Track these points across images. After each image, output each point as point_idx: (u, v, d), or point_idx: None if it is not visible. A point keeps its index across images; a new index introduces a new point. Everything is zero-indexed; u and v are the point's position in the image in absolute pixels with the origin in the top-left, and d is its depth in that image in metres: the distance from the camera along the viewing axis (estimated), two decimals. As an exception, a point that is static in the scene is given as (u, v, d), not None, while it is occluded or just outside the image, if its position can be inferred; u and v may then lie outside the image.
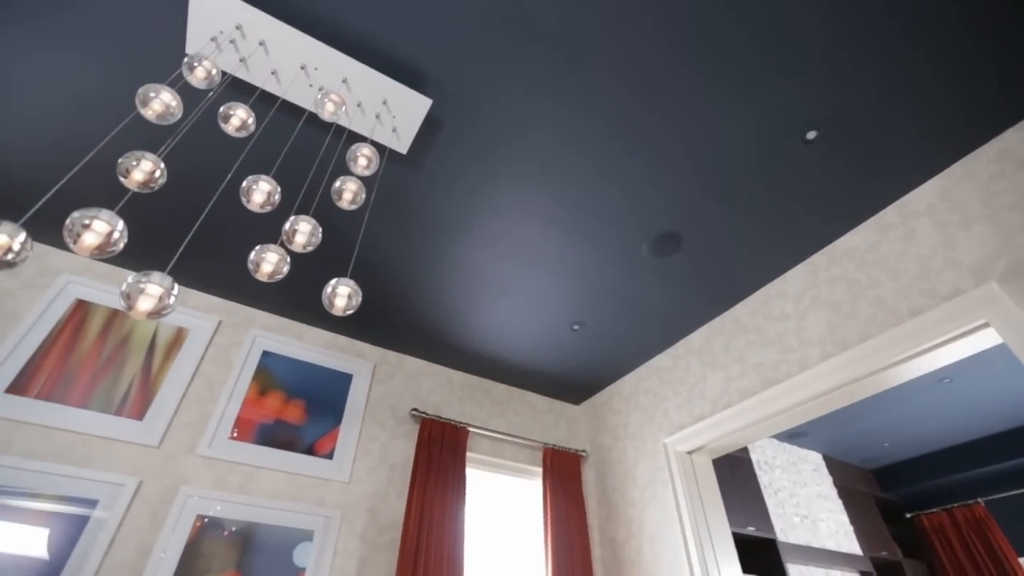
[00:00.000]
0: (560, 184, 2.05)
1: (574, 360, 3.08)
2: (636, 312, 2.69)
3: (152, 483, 2.06)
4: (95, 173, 2.02)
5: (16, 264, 1.09)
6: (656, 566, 2.51)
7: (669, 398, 2.83)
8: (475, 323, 2.79)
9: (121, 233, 1.14)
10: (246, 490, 2.22)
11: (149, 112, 1.35)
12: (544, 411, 3.37)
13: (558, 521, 2.76)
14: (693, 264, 2.39)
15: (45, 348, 2.13)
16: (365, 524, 2.39)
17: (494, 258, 2.37)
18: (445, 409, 3.00)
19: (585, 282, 2.50)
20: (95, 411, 2.09)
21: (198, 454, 2.19)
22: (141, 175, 1.28)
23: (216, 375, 2.43)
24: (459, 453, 2.73)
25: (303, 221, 1.44)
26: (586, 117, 1.81)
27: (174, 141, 1.37)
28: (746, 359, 2.46)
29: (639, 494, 2.79)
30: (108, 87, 1.74)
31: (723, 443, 2.53)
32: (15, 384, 2.01)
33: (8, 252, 1.07)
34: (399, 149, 1.88)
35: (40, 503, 1.85)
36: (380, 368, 2.93)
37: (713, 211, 2.14)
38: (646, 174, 2.00)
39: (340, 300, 1.41)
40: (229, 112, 1.48)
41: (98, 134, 1.88)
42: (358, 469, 2.52)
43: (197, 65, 1.41)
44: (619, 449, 3.08)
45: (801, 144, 1.88)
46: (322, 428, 2.54)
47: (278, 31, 1.55)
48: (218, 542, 2.05)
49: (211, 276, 2.51)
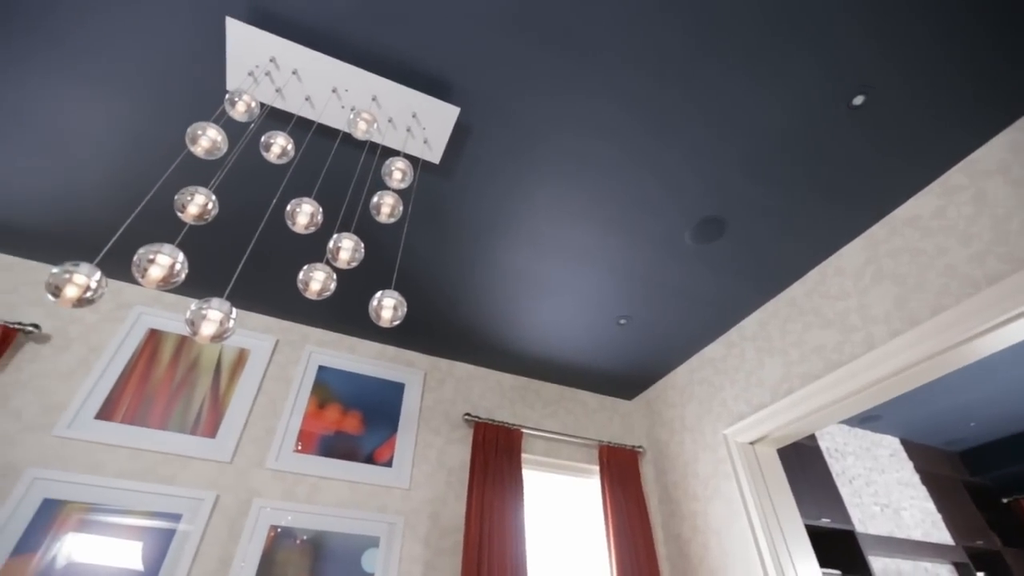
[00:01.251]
0: (595, 179, 2.02)
1: (623, 355, 3.03)
2: (683, 302, 2.62)
3: (228, 497, 2.18)
4: (154, 210, 2.17)
5: (95, 300, 1.18)
6: (725, 562, 2.43)
7: (725, 388, 2.73)
8: (521, 325, 2.80)
9: (182, 264, 1.22)
10: (313, 500, 2.31)
11: (198, 149, 1.44)
12: (596, 408, 3.33)
13: (619, 519, 2.72)
14: (739, 248, 2.30)
15: (126, 376, 2.30)
16: (427, 529, 2.44)
17: (534, 258, 2.37)
18: (497, 412, 3.02)
19: (629, 275, 2.46)
20: (173, 431, 2.24)
21: (267, 467, 2.31)
22: (196, 209, 1.36)
23: (277, 391, 2.55)
24: (514, 455, 2.74)
25: (346, 238, 1.49)
26: (615, 110, 1.78)
27: (223, 173, 1.45)
28: (805, 342, 2.34)
29: (701, 488, 2.71)
30: (160, 129, 1.87)
31: (787, 432, 2.42)
32: (103, 410, 2.19)
33: (87, 290, 1.16)
34: (432, 159, 1.91)
35: (132, 519, 2.00)
36: (431, 375, 2.98)
37: (756, 191, 2.05)
38: (682, 160, 1.94)
39: (386, 312, 1.45)
40: (270, 141, 1.55)
41: (154, 173, 2.02)
42: (417, 475, 2.58)
43: (238, 100, 1.49)
44: (677, 443, 3.00)
45: (847, 111, 1.77)
46: (379, 437, 2.61)
47: (308, 58, 1.61)
48: (291, 551, 2.15)
49: (266, 298, 2.64)
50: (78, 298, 1.13)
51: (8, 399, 2.08)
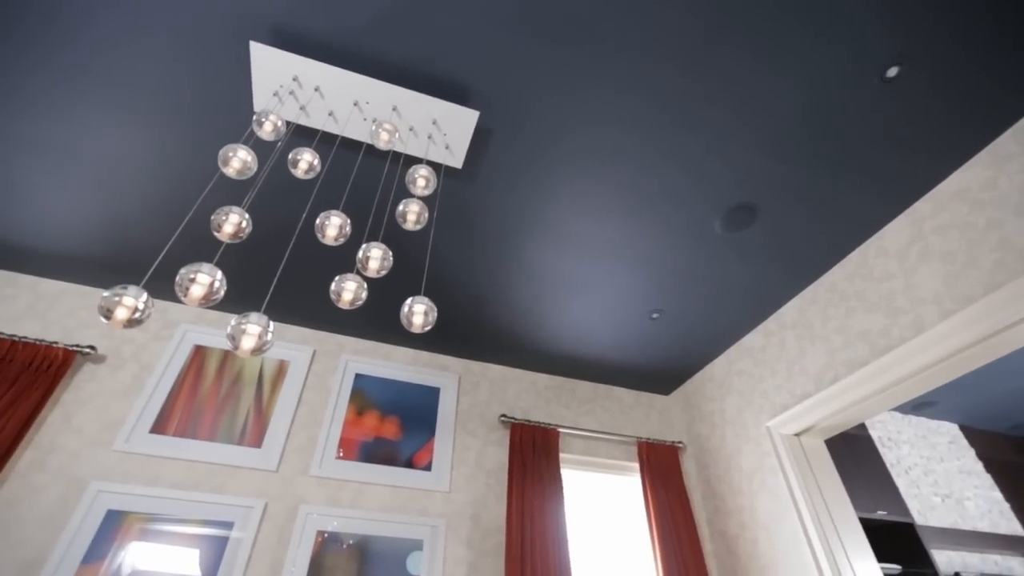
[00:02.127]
0: (619, 172, 2.00)
1: (657, 349, 2.98)
2: (717, 292, 2.56)
3: (276, 504, 2.25)
4: (193, 231, 2.26)
5: (143, 321, 1.24)
6: (775, 558, 2.35)
7: (766, 378, 2.65)
8: (552, 324, 2.79)
9: (221, 282, 1.26)
10: (357, 505, 2.36)
11: (230, 170, 1.49)
12: (633, 405, 3.29)
13: (663, 516, 2.67)
14: (773, 233, 2.23)
15: (175, 391, 2.41)
16: (469, 531, 2.45)
17: (562, 256, 2.36)
18: (533, 412, 3.02)
19: (659, 268, 2.42)
20: (221, 443, 2.33)
21: (311, 475, 2.37)
22: (231, 228, 1.41)
23: (317, 400, 2.62)
24: (552, 454, 2.73)
25: (374, 247, 1.52)
26: (636, 102, 1.75)
27: (254, 192, 1.50)
28: (849, 328, 2.25)
29: (746, 483, 2.63)
30: (194, 153, 1.95)
31: (834, 422, 2.33)
32: (156, 425, 2.29)
33: (136, 311, 1.22)
34: (454, 164, 1.93)
35: (188, 527, 2.09)
36: (465, 379, 3.00)
37: (787, 174, 1.99)
38: (708, 148, 1.90)
39: (417, 318, 1.47)
40: (297, 158, 1.59)
41: (191, 196, 2.10)
42: (456, 478, 2.60)
43: (265, 120, 1.54)
44: (718, 437, 2.93)
45: (881, 84, 1.70)
46: (418, 442, 2.65)
47: (329, 74, 1.65)
48: (339, 555, 2.20)
49: (301, 310, 2.72)
50: (128, 319, 1.19)
51: (71, 417, 2.21)
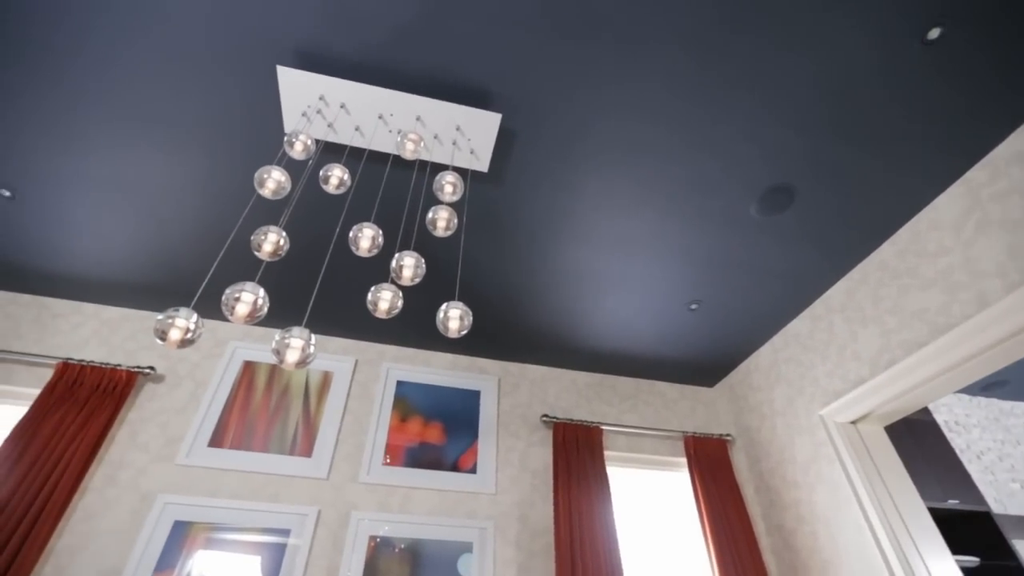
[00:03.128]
0: (647, 164, 1.96)
1: (698, 341, 2.91)
2: (756, 279, 2.47)
3: (328, 511, 2.32)
4: (234, 252, 2.36)
5: (195, 340, 1.30)
6: (838, 552, 2.25)
7: (816, 365, 2.54)
8: (588, 321, 2.77)
9: (264, 299, 1.31)
10: (406, 510, 2.41)
11: (266, 191, 1.55)
12: (677, 399, 3.22)
13: (715, 512, 2.60)
14: (812, 214, 2.14)
15: (229, 405, 2.52)
16: (517, 532, 2.46)
17: (595, 252, 2.34)
18: (575, 411, 3.00)
19: (694, 258, 2.36)
20: (274, 453, 2.42)
21: (360, 481, 2.43)
22: (270, 246, 1.47)
23: (361, 409, 2.68)
24: (596, 452, 2.71)
25: (407, 256, 1.54)
26: (658, 92, 1.72)
27: (289, 210, 1.56)
28: (903, 307, 2.13)
29: (801, 475, 2.53)
30: (230, 177, 2.03)
31: (893, 407, 2.21)
32: (214, 439, 2.40)
33: (187, 332, 1.28)
34: (480, 168, 1.94)
35: (249, 535, 2.18)
36: (504, 380, 3.01)
37: (825, 151, 1.90)
38: (737, 131, 1.84)
39: (453, 323, 1.48)
40: (327, 174, 1.64)
41: (230, 218, 2.20)
42: (501, 480, 2.61)
43: (295, 140, 1.60)
44: (768, 428, 2.83)
45: (921, 48, 1.60)
46: (462, 445, 2.68)
47: (353, 91, 1.69)
48: (391, 559, 2.25)
49: (341, 321, 2.79)
50: (181, 340, 1.25)
51: (136, 435, 2.35)
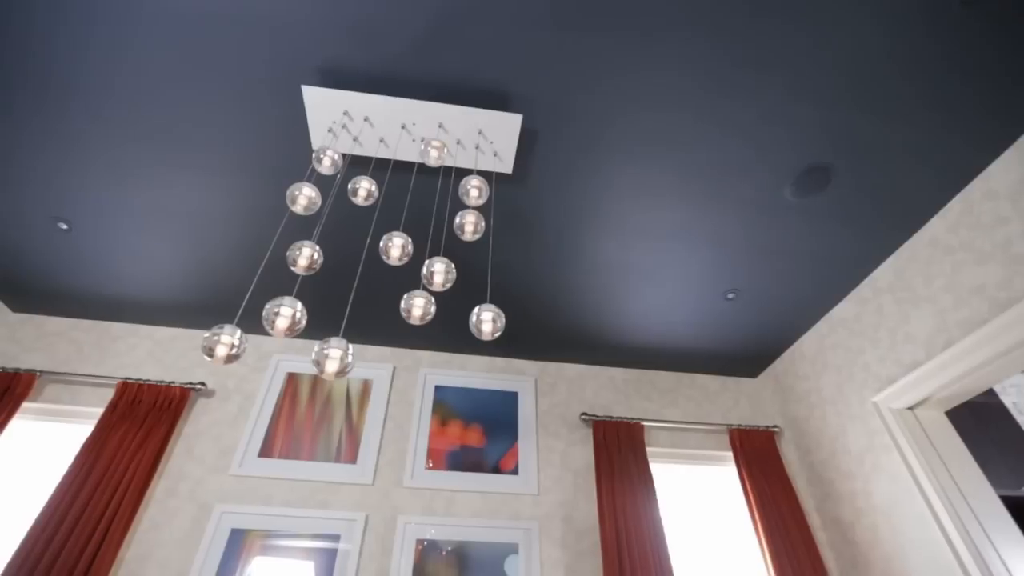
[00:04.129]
0: (673, 153, 1.92)
1: (737, 331, 2.83)
2: (795, 263, 2.38)
3: (375, 516, 2.37)
4: (272, 268, 2.44)
5: (240, 356, 1.35)
6: (901, 545, 2.14)
7: (866, 350, 2.43)
8: (623, 316, 2.73)
9: (301, 312, 1.35)
10: (450, 512, 2.43)
11: (298, 207, 1.60)
12: (719, 391, 3.14)
13: (765, 506, 2.52)
14: (852, 192, 2.05)
15: (276, 417, 2.61)
16: (563, 532, 2.45)
17: (625, 246, 2.31)
18: (614, 408, 2.96)
19: (729, 246, 2.30)
20: (321, 461, 2.49)
21: (405, 486, 2.47)
22: (304, 261, 1.51)
23: (402, 415, 2.73)
24: (638, 449, 2.67)
25: (437, 262, 1.56)
26: (680, 78, 1.68)
27: (321, 224, 1.60)
28: (959, 284, 2.01)
29: (856, 465, 2.43)
30: (264, 196, 2.10)
31: (954, 391, 2.09)
32: (263, 449, 2.49)
33: (233, 348, 1.33)
34: (504, 170, 1.94)
35: (301, 541, 2.25)
36: (541, 380, 3.01)
37: (862, 126, 1.82)
38: (766, 113, 1.78)
39: (486, 325, 1.49)
40: (355, 186, 1.68)
41: (266, 236, 2.27)
42: (544, 480, 2.61)
43: (323, 156, 1.64)
44: (817, 418, 2.72)
45: (960, 8, 1.51)
46: (502, 447, 2.69)
47: (376, 103, 1.72)
48: (439, 562, 2.27)
49: (377, 330, 2.85)
50: (227, 355, 1.30)
51: (192, 448, 2.46)
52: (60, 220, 2.23)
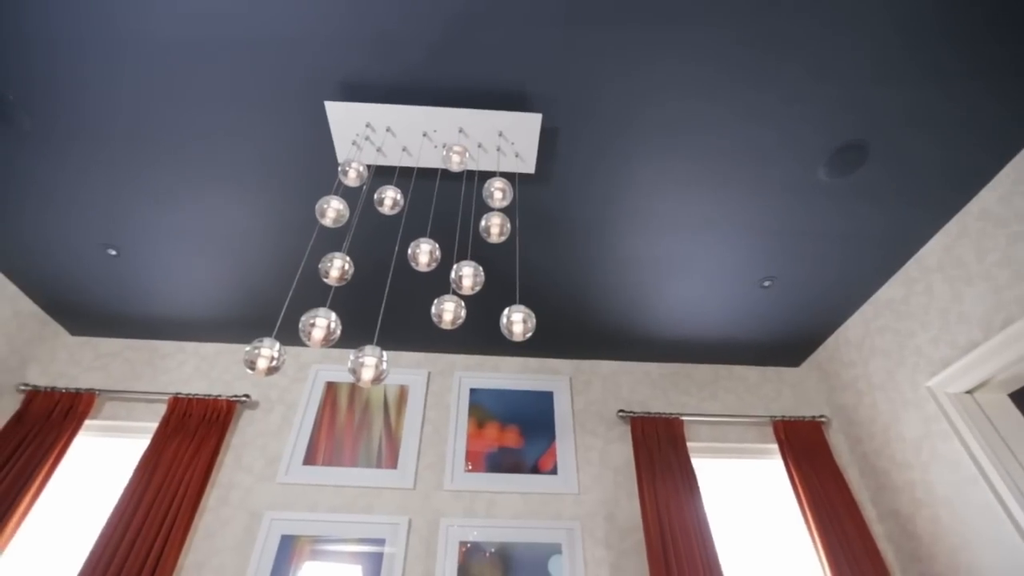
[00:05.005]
0: (698, 141, 1.88)
1: (775, 319, 2.74)
2: (834, 246, 2.29)
3: (418, 519, 2.40)
4: (306, 280, 2.50)
5: (280, 367, 1.39)
6: (967, 536, 2.03)
7: (916, 332, 2.31)
8: (656, 310, 2.69)
9: (336, 323, 1.38)
10: (492, 514, 2.44)
11: (327, 220, 1.63)
12: (759, 382, 3.05)
13: (816, 500, 2.43)
14: (891, 169, 1.96)
15: (318, 425, 2.68)
16: (606, 531, 2.42)
17: (654, 239, 2.27)
18: (652, 404, 2.92)
19: (761, 232, 2.23)
20: (362, 467, 2.54)
21: (445, 489, 2.50)
22: (336, 272, 1.55)
23: (439, 419, 2.76)
24: (679, 445, 2.62)
25: (465, 266, 1.57)
26: (700, 65, 1.64)
27: (350, 235, 1.64)
28: (1016, 258, 1.89)
29: (912, 454, 2.31)
30: (295, 212, 2.17)
31: (1017, 371, 1.97)
32: (307, 457, 2.56)
33: (273, 360, 1.37)
34: (527, 171, 1.94)
35: (348, 546, 2.30)
36: (576, 379, 2.99)
37: (898, 99, 1.73)
38: (793, 93, 1.72)
39: (517, 326, 1.49)
40: (381, 196, 1.71)
41: (299, 250, 2.34)
42: (583, 479, 2.59)
43: (348, 169, 1.67)
44: (867, 406, 2.61)
45: (1004, -34, 1.42)
46: (540, 447, 2.68)
47: (397, 113, 1.75)
48: (483, 564, 2.28)
49: (411, 335, 2.89)
50: (268, 368, 1.34)
51: (241, 458, 2.55)
52: (109, 247, 2.35)
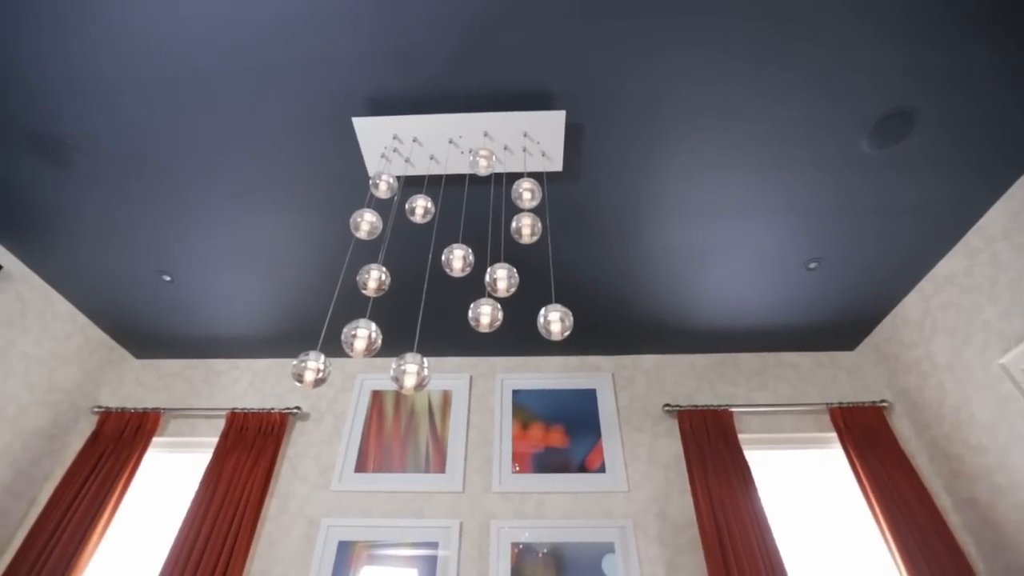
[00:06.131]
0: (729, 125, 1.82)
1: (824, 302, 2.62)
2: (884, 221, 2.17)
3: (469, 522, 2.42)
4: (345, 293, 2.57)
5: (326, 379, 1.44)
6: (1056, 523, 1.88)
7: (983, 307, 2.16)
8: (696, 300, 2.62)
9: (377, 333, 1.41)
10: (541, 514, 2.44)
11: (361, 233, 1.67)
12: (812, 368, 2.92)
13: (882, 489, 2.30)
14: (942, 134, 1.84)
15: (366, 433, 2.74)
16: (659, 528, 2.38)
17: (689, 227, 2.22)
18: (698, 396, 2.84)
19: (803, 212, 2.14)
20: (411, 472, 2.59)
21: (494, 491, 2.51)
22: (374, 283, 1.58)
23: (483, 422, 2.78)
24: (730, 437, 2.54)
25: (499, 269, 1.57)
26: (726, 48, 1.59)
27: (385, 246, 1.67)
28: (1093, 219, 1.74)
29: (988, 437, 2.16)
30: (331, 227, 2.23)
31: (1103, 341, 1.81)
32: (358, 464, 2.63)
33: (319, 372, 1.41)
34: (554, 168, 1.93)
35: (403, 550, 2.35)
36: (618, 375, 2.95)
37: (941, 59, 1.62)
38: (828, 65, 1.64)
39: (554, 325, 1.48)
40: (412, 206, 1.73)
41: (337, 263, 2.41)
42: (633, 476, 2.55)
43: (379, 182, 1.71)
44: (933, 387, 2.45)
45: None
46: (586, 446, 2.66)
47: (422, 123, 1.78)
48: (536, 565, 2.28)
49: (450, 340, 2.92)
50: (314, 380, 1.39)
51: (296, 468, 2.64)
52: (164, 273, 2.49)
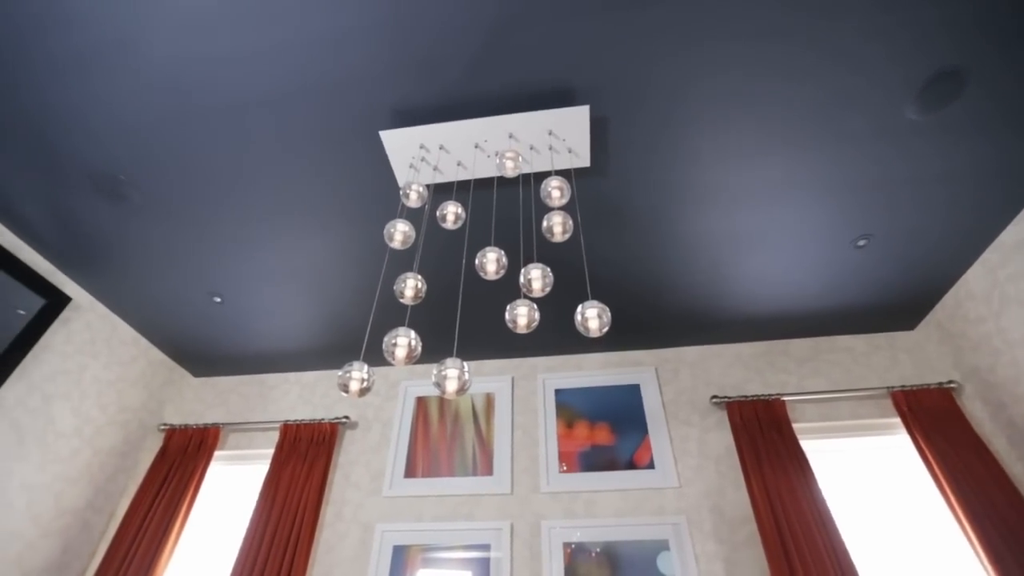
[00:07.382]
0: (763, 103, 1.76)
1: (877, 281, 2.48)
2: (937, 191, 2.04)
3: (519, 523, 2.43)
4: (384, 303, 2.63)
5: (371, 388, 1.47)
6: None
7: (1058, 275, 2.00)
8: (738, 287, 2.54)
9: (416, 340, 1.44)
10: (592, 514, 2.41)
11: (395, 243, 1.71)
12: (868, 351, 2.77)
13: (958, 478, 2.16)
14: (999, 92, 1.71)
15: (413, 439, 2.79)
16: (714, 524, 2.31)
17: (726, 212, 2.15)
18: (747, 386, 2.75)
19: (848, 188, 2.04)
20: (460, 476, 2.62)
21: (542, 492, 2.51)
22: (410, 291, 1.61)
23: (528, 422, 2.78)
24: (784, 427, 2.44)
25: (533, 269, 1.57)
26: (754, 26, 1.54)
27: (419, 254, 1.71)
28: None
29: (1073, 414, 1.99)
30: (366, 238, 2.29)
31: None
32: (407, 470, 2.68)
33: (363, 381, 1.45)
34: (582, 164, 1.92)
35: (456, 552, 2.37)
36: (662, 368, 2.89)
37: (989, 12, 1.52)
38: (863, 29, 1.56)
39: (592, 322, 1.46)
40: (443, 212, 1.75)
41: (374, 273, 2.46)
42: (683, 471, 2.49)
43: (409, 191, 1.74)
44: (1006, 365, 2.29)
45: None
46: (633, 442, 2.62)
47: (447, 131, 1.80)
48: (589, 564, 2.26)
49: (489, 343, 2.94)
50: (360, 389, 1.42)
51: (348, 475, 2.72)
52: (215, 295, 2.61)
